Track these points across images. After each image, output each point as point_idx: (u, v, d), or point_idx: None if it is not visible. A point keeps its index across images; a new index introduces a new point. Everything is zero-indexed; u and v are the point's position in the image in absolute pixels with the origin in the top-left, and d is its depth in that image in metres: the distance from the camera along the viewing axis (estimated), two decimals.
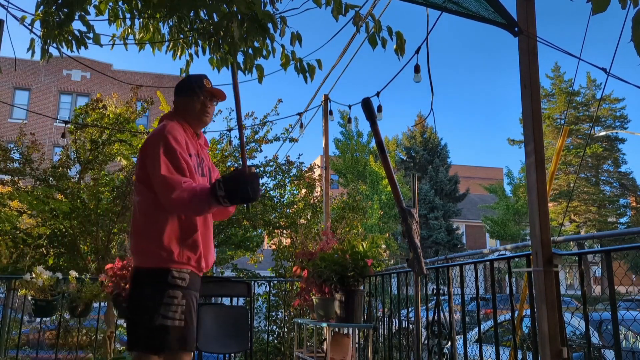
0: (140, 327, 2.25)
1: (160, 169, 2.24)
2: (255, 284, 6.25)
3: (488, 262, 3.41)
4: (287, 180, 8.47)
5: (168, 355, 2.27)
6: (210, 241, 2.50)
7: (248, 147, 8.06)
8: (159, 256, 2.27)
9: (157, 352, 2.26)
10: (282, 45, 3.49)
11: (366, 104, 2.42)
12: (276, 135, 8.24)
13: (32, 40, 3.41)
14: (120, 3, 3.50)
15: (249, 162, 8.40)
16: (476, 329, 4.99)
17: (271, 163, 8.26)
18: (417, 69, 3.52)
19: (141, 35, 3.69)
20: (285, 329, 6.67)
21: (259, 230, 8.81)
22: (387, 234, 21.42)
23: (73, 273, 4.51)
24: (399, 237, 22.99)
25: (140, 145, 7.41)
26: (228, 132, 7.83)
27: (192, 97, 2.50)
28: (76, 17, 3.20)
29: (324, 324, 4.11)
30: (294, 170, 8.42)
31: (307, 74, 3.55)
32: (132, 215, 2.45)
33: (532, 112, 2.34)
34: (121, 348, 6.43)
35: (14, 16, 3.30)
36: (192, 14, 3.39)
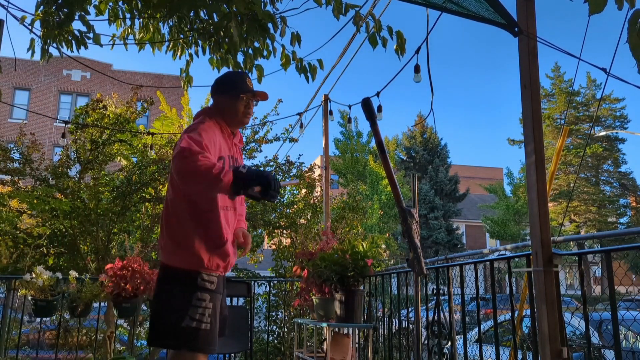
0: (166, 325, 2.25)
1: (181, 143, 2.15)
2: (255, 284, 6.25)
3: (488, 262, 3.41)
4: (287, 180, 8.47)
5: (187, 355, 2.26)
6: (235, 246, 2.51)
7: (248, 147, 8.07)
8: (188, 260, 2.27)
9: (179, 349, 2.27)
10: (283, 45, 3.50)
11: (366, 104, 2.41)
12: (276, 135, 8.25)
13: (32, 40, 3.41)
14: (120, 3, 3.50)
15: (249, 163, 8.43)
16: (476, 329, 4.99)
17: (271, 163, 8.26)
18: (417, 69, 3.52)
19: (141, 35, 3.69)
20: (285, 329, 6.67)
21: (259, 230, 8.80)
22: (387, 234, 21.41)
23: (73, 273, 4.50)
24: (399, 237, 22.98)
25: (140, 145, 7.40)
26: None
27: (236, 99, 2.45)
28: (76, 17, 3.20)
29: (324, 324, 4.11)
30: (294, 171, 8.42)
31: (309, 74, 3.55)
32: (164, 210, 2.41)
33: (532, 112, 2.34)
34: (121, 348, 6.43)
35: (14, 16, 3.30)
36: (192, 14, 3.39)
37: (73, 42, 3.41)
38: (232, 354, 4.39)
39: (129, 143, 7.16)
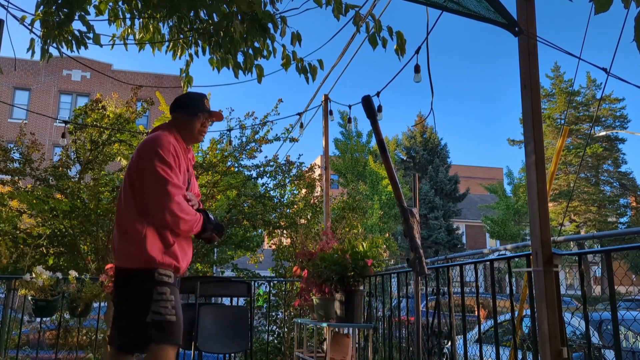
0: (133, 325, 2.37)
1: (163, 176, 2.40)
2: (255, 284, 6.25)
3: (488, 262, 3.41)
4: (287, 180, 8.46)
5: (155, 348, 2.33)
6: (190, 248, 2.66)
7: (248, 147, 8.07)
8: (145, 259, 2.40)
9: (149, 344, 2.35)
10: (283, 45, 3.49)
11: (367, 101, 2.41)
12: (276, 135, 8.23)
13: (32, 40, 3.41)
14: (120, 3, 3.50)
15: (249, 163, 8.43)
16: (476, 329, 4.99)
17: (271, 163, 8.25)
18: (417, 69, 3.52)
19: (141, 35, 3.69)
20: (285, 329, 6.66)
21: (259, 230, 8.79)
22: (387, 234, 21.40)
23: (73, 273, 4.50)
24: (399, 237, 22.99)
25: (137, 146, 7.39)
26: (228, 132, 7.83)
27: (194, 117, 2.64)
28: (76, 17, 3.20)
29: (324, 324, 4.11)
30: (294, 170, 8.40)
31: (309, 74, 3.55)
32: (118, 216, 2.55)
33: (532, 112, 2.34)
34: None
35: (14, 16, 3.30)
36: (192, 14, 3.39)
37: (73, 42, 3.41)
38: (232, 354, 4.39)
39: (129, 143, 7.15)
